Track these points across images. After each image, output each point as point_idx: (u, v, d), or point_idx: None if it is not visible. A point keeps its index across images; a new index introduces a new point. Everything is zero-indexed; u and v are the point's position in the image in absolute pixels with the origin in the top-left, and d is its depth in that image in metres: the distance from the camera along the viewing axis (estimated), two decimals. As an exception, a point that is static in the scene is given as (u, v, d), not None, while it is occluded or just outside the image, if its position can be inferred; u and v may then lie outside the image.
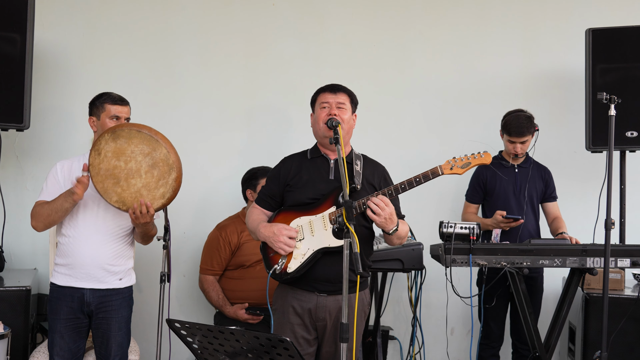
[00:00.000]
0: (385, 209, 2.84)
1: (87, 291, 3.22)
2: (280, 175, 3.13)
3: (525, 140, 4.00)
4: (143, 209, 3.10)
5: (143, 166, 3.11)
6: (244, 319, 3.94)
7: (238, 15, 4.60)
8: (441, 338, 4.52)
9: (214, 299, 4.06)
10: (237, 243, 4.04)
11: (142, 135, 3.09)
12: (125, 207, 3.13)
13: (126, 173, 3.11)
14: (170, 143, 3.14)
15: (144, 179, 3.11)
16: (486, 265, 3.57)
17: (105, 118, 3.28)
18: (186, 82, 4.54)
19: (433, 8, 4.74)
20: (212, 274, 4.08)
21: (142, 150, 3.10)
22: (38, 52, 4.07)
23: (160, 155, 3.10)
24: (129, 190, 3.11)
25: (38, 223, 3.21)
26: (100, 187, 3.12)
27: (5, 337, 3.31)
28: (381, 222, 2.86)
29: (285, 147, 3.82)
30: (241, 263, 4.04)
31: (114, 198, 3.13)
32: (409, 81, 4.71)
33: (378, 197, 2.86)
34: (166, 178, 3.12)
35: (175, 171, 3.12)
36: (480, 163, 2.94)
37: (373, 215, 2.85)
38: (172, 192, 3.14)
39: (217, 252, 4.05)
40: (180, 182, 3.16)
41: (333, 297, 3.00)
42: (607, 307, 3.34)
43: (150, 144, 3.10)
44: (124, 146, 3.10)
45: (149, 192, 3.12)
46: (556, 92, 4.70)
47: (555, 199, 4.19)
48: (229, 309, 3.99)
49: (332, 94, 3.08)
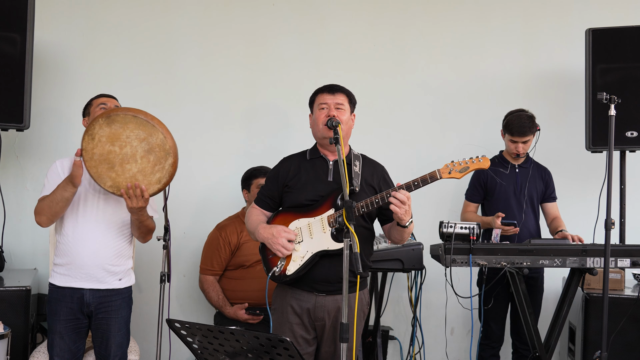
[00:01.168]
0: (407, 202, 2.86)
1: (86, 291, 3.21)
2: (279, 176, 3.13)
3: (527, 140, 4.01)
4: (137, 191, 3.07)
5: (139, 151, 3.08)
6: (244, 319, 3.94)
7: (238, 15, 4.61)
8: (441, 338, 4.52)
9: (214, 299, 4.06)
10: (237, 243, 4.04)
11: (138, 120, 3.07)
12: (119, 191, 3.10)
13: (121, 158, 3.08)
14: (167, 128, 3.11)
15: (140, 164, 3.09)
16: (486, 265, 3.57)
17: (94, 108, 3.30)
18: (186, 82, 4.54)
19: (433, 8, 4.74)
20: (212, 274, 4.08)
21: (137, 135, 3.07)
22: (38, 52, 4.07)
23: (157, 140, 3.08)
24: (124, 175, 3.09)
25: (41, 217, 3.20)
26: (94, 172, 3.09)
27: (5, 337, 3.30)
28: (401, 214, 2.87)
29: (285, 147, 3.82)
30: (241, 263, 4.04)
31: (108, 183, 3.10)
32: (409, 81, 4.71)
33: (400, 191, 2.86)
34: (162, 163, 3.10)
35: (172, 156, 3.10)
36: (479, 168, 2.96)
37: (395, 207, 2.85)
38: (168, 177, 3.12)
39: (217, 252, 4.05)
40: (176, 167, 3.14)
41: (332, 297, 3.00)
42: (607, 307, 3.34)
43: (147, 129, 3.07)
44: (119, 131, 3.07)
45: (145, 177, 3.10)
46: (556, 92, 4.71)
47: (555, 200, 4.20)
48: (229, 309, 3.99)
49: (330, 94, 3.07)
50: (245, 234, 4.02)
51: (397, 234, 3.04)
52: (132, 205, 3.10)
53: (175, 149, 3.12)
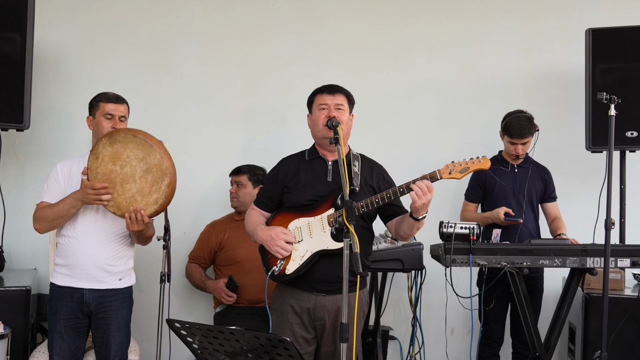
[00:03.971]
0: (428, 194, 2.83)
1: (86, 291, 3.22)
2: (278, 177, 3.13)
3: (526, 141, 4.01)
4: (138, 216, 3.09)
5: (137, 171, 3.10)
6: (220, 289, 4.00)
7: (238, 15, 4.61)
8: (441, 338, 4.51)
9: (197, 279, 4.17)
10: (223, 239, 4.15)
11: (137, 140, 3.09)
12: (121, 212, 3.13)
13: (122, 178, 3.11)
14: (165, 148, 3.13)
15: (139, 184, 3.11)
16: (486, 265, 3.57)
17: (99, 116, 3.28)
18: (186, 82, 4.54)
19: (433, 8, 4.74)
20: (196, 262, 4.22)
21: (137, 155, 3.09)
22: (38, 52, 4.07)
23: (154, 160, 3.09)
24: (124, 195, 3.11)
25: (41, 226, 3.21)
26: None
27: (5, 337, 3.31)
28: (420, 205, 2.84)
29: (285, 147, 3.82)
30: (234, 257, 4.08)
31: (110, 203, 3.13)
32: (409, 81, 4.71)
33: (423, 181, 2.84)
34: (159, 184, 3.11)
35: (168, 177, 3.11)
36: (479, 168, 2.95)
37: (415, 196, 2.82)
38: (164, 199, 3.13)
39: (203, 246, 4.21)
40: (174, 189, 3.15)
41: (332, 296, 3.01)
42: (607, 307, 3.34)
43: (145, 148, 3.09)
44: (120, 151, 3.10)
45: (143, 198, 3.11)
46: (556, 92, 4.70)
47: (555, 199, 4.19)
48: (210, 282, 4.10)
49: (330, 95, 3.07)
50: (230, 231, 4.14)
51: (407, 228, 2.99)
52: (133, 229, 3.14)
53: (172, 169, 3.13)
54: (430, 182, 2.86)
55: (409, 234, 3.04)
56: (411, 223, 2.95)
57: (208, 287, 4.11)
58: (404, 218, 3.00)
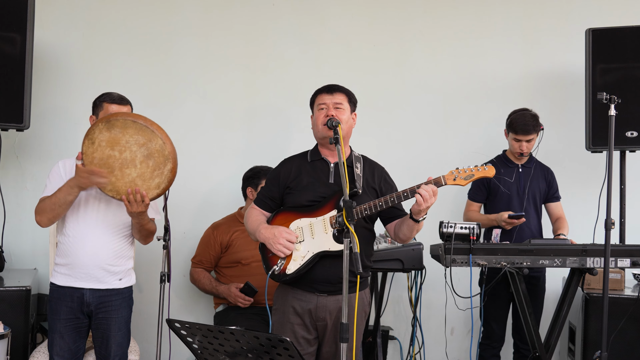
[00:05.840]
0: (433, 198, 2.89)
1: (86, 291, 3.21)
2: (280, 178, 3.13)
3: (530, 138, 4.01)
4: (138, 197, 3.09)
5: (138, 156, 3.09)
6: (235, 295, 3.95)
7: (238, 16, 4.60)
8: (441, 338, 4.51)
9: (206, 285, 4.11)
10: (228, 242, 4.10)
11: (137, 125, 3.08)
12: (119, 196, 3.11)
13: (120, 163, 3.10)
14: (166, 134, 3.12)
15: (139, 168, 3.10)
16: (486, 265, 3.57)
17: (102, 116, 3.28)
18: (186, 82, 4.54)
19: (433, 8, 4.74)
20: (202, 267, 4.16)
21: (137, 140, 3.08)
22: (38, 52, 4.06)
23: (156, 146, 3.09)
24: (123, 180, 3.10)
25: (42, 218, 3.20)
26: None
27: (5, 337, 3.31)
28: (423, 208, 2.89)
29: (286, 148, 3.83)
30: (237, 259, 4.06)
31: (108, 187, 3.11)
32: (409, 81, 4.71)
33: (429, 186, 2.89)
34: (161, 169, 3.11)
35: (171, 162, 3.12)
36: (484, 176, 3.00)
37: (420, 199, 2.87)
38: (167, 183, 3.14)
39: (207, 249, 4.14)
40: (176, 173, 3.15)
41: (333, 297, 3.01)
42: (607, 307, 3.35)
43: (146, 134, 3.08)
44: (118, 136, 3.08)
45: (144, 182, 3.11)
46: (556, 92, 4.70)
47: (559, 199, 4.19)
48: (222, 288, 4.03)
49: (329, 94, 3.08)
50: (236, 234, 4.08)
51: (407, 230, 3.02)
52: (132, 210, 3.12)
53: (174, 154, 3.13)
54: (435, 187, 2.89)
55: (408, 236, 3.06)
56: (411, 225, 2.97)
57: (221, 292, 4.03)
58: (404, 220, 3.02)
